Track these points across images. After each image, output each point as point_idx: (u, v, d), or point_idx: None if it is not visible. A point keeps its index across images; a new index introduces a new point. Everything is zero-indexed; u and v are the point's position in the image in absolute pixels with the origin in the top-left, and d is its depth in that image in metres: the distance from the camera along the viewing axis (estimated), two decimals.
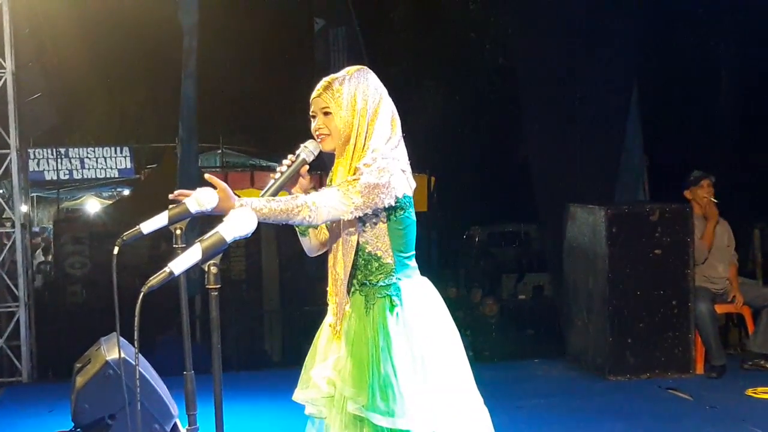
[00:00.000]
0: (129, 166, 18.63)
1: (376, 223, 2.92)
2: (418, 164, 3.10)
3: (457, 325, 3.06)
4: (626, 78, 8.44)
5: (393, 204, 2.88)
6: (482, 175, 16.53)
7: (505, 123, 14.67)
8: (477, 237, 17.86)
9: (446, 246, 16.35)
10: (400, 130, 3.03)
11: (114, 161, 18.51)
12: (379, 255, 2.95)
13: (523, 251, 17.37)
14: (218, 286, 2.53)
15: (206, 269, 2.51)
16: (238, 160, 18.73)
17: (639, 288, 6.85)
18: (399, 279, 2.96)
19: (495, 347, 10.20)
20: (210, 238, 2.49)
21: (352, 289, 2.99)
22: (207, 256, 2.47)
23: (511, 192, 15.57)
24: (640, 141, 9.02)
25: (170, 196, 2.93)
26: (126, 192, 18.12)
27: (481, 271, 16.12)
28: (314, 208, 2.76)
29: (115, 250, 2.83)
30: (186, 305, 3.00)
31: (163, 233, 3.00)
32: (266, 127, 18.53)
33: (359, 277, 2.98)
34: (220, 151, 18.01)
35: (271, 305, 11.92)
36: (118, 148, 18.61)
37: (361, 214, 2.85)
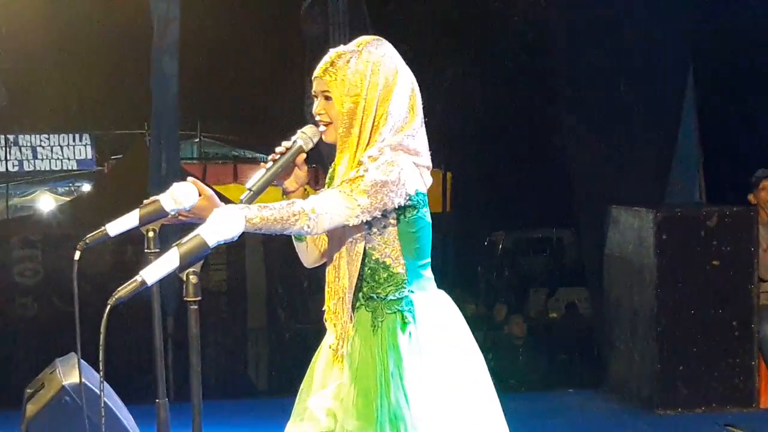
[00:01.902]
0: (90, 156, 18.66)
1: (384, 226, 2.92)
2: (432, 158, 3.09)
3: None
4: (680, 60, 8.44)
5: (404, 203, 2.89)
6: (508, 170, 16.49)
7: (537, 110, 14.62)
8: (501, 244, 17.81)
9: (464, 254, 16.32)
10: (422, 115, 3.02)
11: (72, 151, 18.55)
12: (388, 263, 2.94)
13: (556, 261, 17.32)
14: (198, 298, 2.54)
15: (184, 278, 2.52)
16: (219, 150, 18.74)
17: (693, 306, 6.85)
18: (411, 291, 2.95)
19: (522, 374, 10.18)
20: (189, 241, 2.50)
21: (357, 305, 2.98)
22: (186, 262, 2.48)
23: (542, 191, 15.51)
24: (695, 133, 9.01)
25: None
26: (86, 187, 18.14)
27: (506, 285, 16.09)
28: (313, 216, 2.75)
29: (76, 255, 2.84)
30: (159, 321, 3.01)
31: (132, 236, 3.01)
32: (252, 113, 18.50)
33: (365, 290, 2.96)
34: (197, 140, 18.02)
35: (256, 322, 11.91)
36: (77, 136, 18.64)
37: (369, 218, 2.85)
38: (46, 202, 19.25)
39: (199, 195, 2.83)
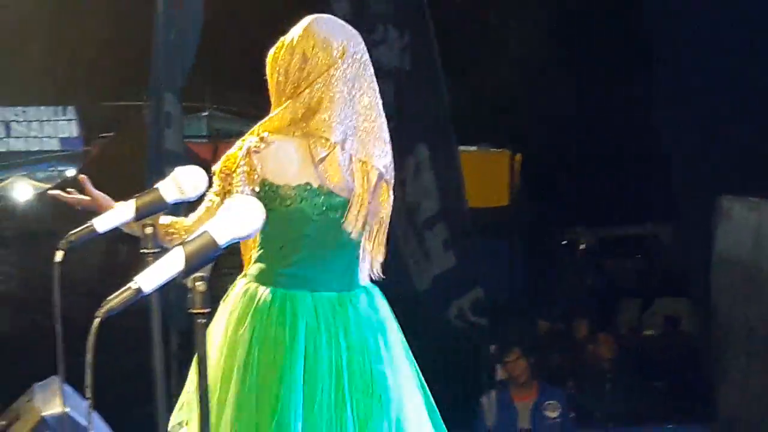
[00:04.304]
0: (75, 134, 18.80)
1: None
2: (494, 135, 3.15)
3: (552, 375, 3.08)
4: None
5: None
6: (591, 152, 16.43)
7: (627, 73, 14.54)
8: (582, 244, 17.75)
9: (536, 257, 16.30)
10: (329, 74, 3.57)
11: (54, 127, 18.70)
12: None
13: (651, 265, 17.25)
14: (207, 310, 2.54)
15: (190, 285, 2.52)
16: (231, 126, 18.78)
17: None
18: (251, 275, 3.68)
19: (610, 406, 10.15)
20: (196, 239, 2.50)
21: None
22: (192, 265, 2.48)
23: (634, 177, 15.44)
24: None
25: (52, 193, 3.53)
26: (71, 171, 18.27)
27: (588, 295, 16.02)
28: None
29: (58, 256, 2.85)
30: (159, 338, 3.02)
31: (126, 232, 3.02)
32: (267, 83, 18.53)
33: None
34: (206, 114, 18.09)
35: None
36: (60, 109, 18.79)
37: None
38: (21, 190, 19.40)
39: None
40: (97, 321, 2.41)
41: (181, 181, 2.88)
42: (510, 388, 8.72)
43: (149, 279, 2.46)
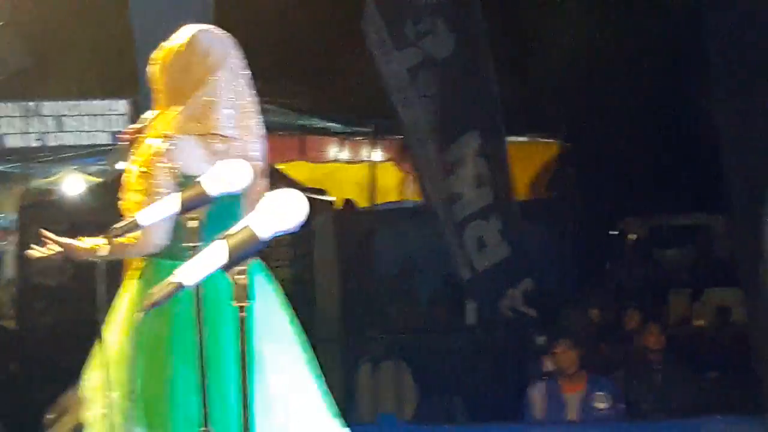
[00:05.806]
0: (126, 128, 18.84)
1: None
2: (544, 125, 3.09)
3: (602, 366, 3.03)
4: None
5: None
6: (641, 142, 16.34)
7: (679, 64, 14.45)
8: (632, 234, 17.67)
9: (586, 247, 16.23)
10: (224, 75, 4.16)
11: (106, 121, 18.76)
12: None
13: (702, 256, 17.13)
14: (249, 303, 2.53)
15: (232, 279, 2.51)
16: (285, 119, 18.77)
17: None
18: None
19: (659, 397, 10.11)
20: (239, 233, 2.49)
21: None
22: (234, 259, 2.47)
23: (685, 167, 15.35)
24: None
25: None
26: (122, 165, 18.31)
27: (639, 285, 15.94)
28: None
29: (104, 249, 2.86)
30: (204, 332, 3.01)
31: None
32: (325, 75, 18.52)
33: None
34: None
35: (328, 333, 11.94)
36: (113, 102, 18.85)
37: None
38: (74, 184, 19.50)
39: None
40: (142, 315, 2.41)
41: (225, 174, 2.87)
42: (559, 379, 8.68)
43: (190, 272, 2.45)
